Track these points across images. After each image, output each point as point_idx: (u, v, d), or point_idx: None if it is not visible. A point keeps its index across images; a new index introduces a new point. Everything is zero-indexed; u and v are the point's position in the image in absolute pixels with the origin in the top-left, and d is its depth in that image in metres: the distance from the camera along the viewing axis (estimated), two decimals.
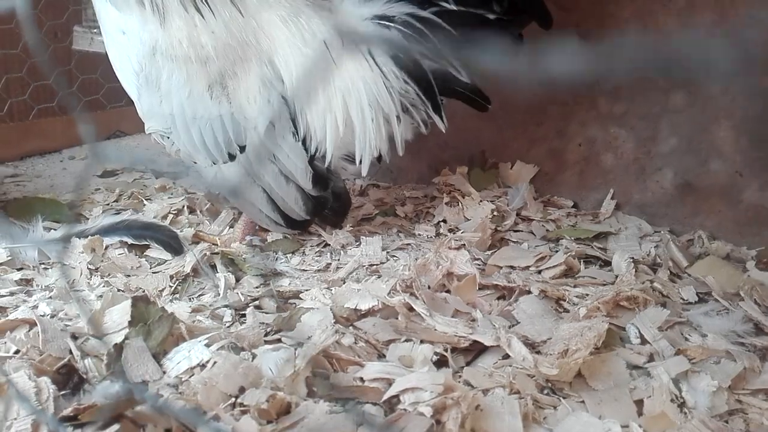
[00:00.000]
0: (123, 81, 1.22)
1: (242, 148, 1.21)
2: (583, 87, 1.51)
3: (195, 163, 1.26)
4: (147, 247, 1.34)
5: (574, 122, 1.56)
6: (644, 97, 1.45)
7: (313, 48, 1.18)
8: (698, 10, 1.34)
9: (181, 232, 1.39)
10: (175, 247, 1.30)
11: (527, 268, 1.23)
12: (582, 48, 0.33)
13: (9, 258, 1.28)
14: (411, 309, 1.03)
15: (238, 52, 1.17)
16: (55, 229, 1.46)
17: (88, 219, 1.56)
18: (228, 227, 1.46)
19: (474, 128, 1.72)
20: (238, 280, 1.23)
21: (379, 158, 1.32)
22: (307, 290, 1.14)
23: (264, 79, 1.18)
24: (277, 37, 1.19)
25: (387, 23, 1.17)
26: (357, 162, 1.29)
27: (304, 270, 1.28)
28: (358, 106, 1.22)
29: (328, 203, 1.33)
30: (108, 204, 1.69)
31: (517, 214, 1.52)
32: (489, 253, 1.32)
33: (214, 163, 1.23)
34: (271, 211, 1.29)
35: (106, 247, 1.33)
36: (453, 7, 1.14)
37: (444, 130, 1.31)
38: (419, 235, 1.45)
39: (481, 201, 1.51)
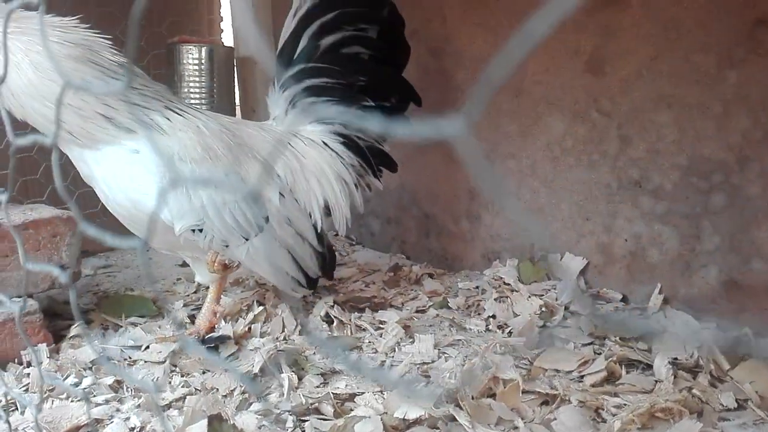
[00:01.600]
0: (142, 201, 1.31)
1: (266, 219, 1.42)
2: (627, 184, 1.58)
3: (227, 246, 1.42)
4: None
5: (620, 218, 1.62)
6: (685, 197, 1.50)
7: (282, 146, 1.54)
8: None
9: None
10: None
11: (570, 372, 1.29)
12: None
13: (102, 354, 1.45)
14: (455, 419, 1.11)
15: (238, 149, 1.41)
16: (139, 324, 1.63)
17: (170, 311, 1.73)
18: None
19: (524, 220, 1.81)
20: (300, 379, 1.35)
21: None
22: (361, 394, 1.24)
23: (262, 165, 1.45)
24: (257, 141, 1.48)
25: (330, 120, 1.59)
26: (336, 226, 1.59)
27: (360, 368, 1.39)
28: (328, 183, 1.54)
29: (326, 258, 1.57)
30: (188, 295, 1.87)
31: (566, 308, 1.58)
32: (536, 352, 1.38)
33: (246, 239, 1.41)
34: (296, 271, 1.50)
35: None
36: (371, 103, 1.59)
37: (381, 188, 1.69)
38: (470, 329, 1.54)
39: (530, 296, 1.58)
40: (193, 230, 1.33)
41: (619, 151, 1.61)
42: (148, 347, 1.51)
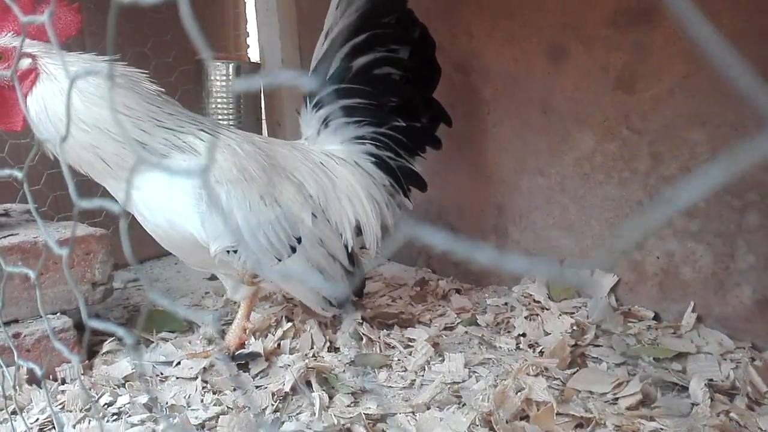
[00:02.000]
0: (179, 222, 1.33)
1: (299, 240, 1.44)
2: (659, 201, 1.56)
3: (260, 266, 1.44)
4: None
5: (652, 235, 1.61)
6: (719, 215, 1.49)
7: (315, 166, 1.53)
8: None
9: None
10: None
11: (604, 394, 1.27)
12: None
13: (134, 370, 1.47)
14: None
15: (272, 170, 1.43)
16: (170, 340, 1.65)
17: (200, 326, 1.75)
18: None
19: (553, 237, 1.80)
20: (331, 398, 1.35)
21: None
22: (393, 415, 1.24)
23: (296, 185, 1.46)
24: (290, 161, 1.49)
25: (362, 141, 1.60)
26: (367, 245, 1.59)
27: (390, 386, 1.39)
28: (359, 202, 1.55)
29: (356, 278, 1.57)
30: (216, 309, 1.89)
31: (597, 326, 1.57)
32: (569, 372, 1.37)
33: (279, 260, 1.42)
34: (327, 291, 1.52)
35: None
36: (402, 123, 1.60)
37: (411, 208, 1.69)
38: (500, 347, 1.53)
39: (560, 314, 1.57)
40: (228, 251, 1.35)
41: (651, 169, 1.59)
42: (179, 363, 1.53)
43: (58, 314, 1.54)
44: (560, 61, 1.72)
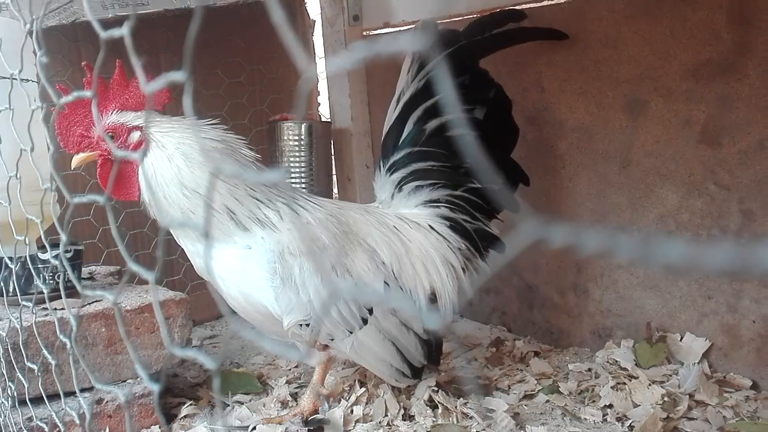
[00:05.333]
0: (253, 295, 1.34)
1: (370, 311, 1.41)
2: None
3: (332, 339, 1.42)
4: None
5: (746, 298, 1.50)
6: None
7: (388, 230, 1.51)
8: None
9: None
10: None
11: None
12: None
13: None
14: None
15: (344, 237, 1.41)
16: (245, 403, 1.65)
17: (273, 388, 1.75)
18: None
19: (637, 297, 1.71)
20: None
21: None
22: None
23: (368, 252, 1.43)
24: (363, 226, 1.47)
25: (436, 204, 1.57)
26: (441, 312, 1.53)
27: None
28: (434, 268, 1.51)
29: (432, 346, 1.51)
30: (290, 369, 1.88)
31: (690, 396, 1.46)
32: None
33: (351, 332, 1.40)
34: (401, 363, 1.46)
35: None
36: (477, 185, 1.57)
37: (489, 273, 1.66)
38: (585, 419, 1.45)
39: (650, 384, 1.48)
40: (300, 325, 1.34)
41: (742, 227, 1.50)
42: (254, 429, 1.52)
43: (139, 379, 1.57)
44: (638, 115, 1.66)
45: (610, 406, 1.47)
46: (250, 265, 1.30)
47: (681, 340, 1.62)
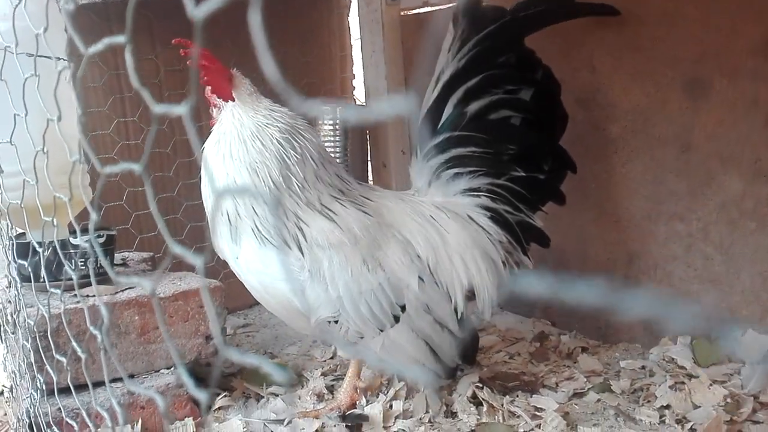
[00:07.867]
0: (272, 285, 1.30)
1: (403, 308, 1.33)
2: None
3: (362, 338, 1.35)
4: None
5: None
6: None
7: (425, 220, 1.42)
8: None
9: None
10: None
11: None
12: None
13: (245, 429, 1.42)
14: None
15: (377, 228, 1.34)
16: (280, 395, 1.59)
17: (308, 380, 1.69)
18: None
19: (694, 291, 1.61)
20: None
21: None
22: None
23: (402, 245, 1.35)
24: (398, 216, 1.40)
25: (476, 193, 1.47)
26: (480, 308, 1.44)
27: None
28: (473, 262, 1.41)
29: (467, 344, 1.44)
30: (325, 361, 1.82)
31: (755, 398, 1.36)
32: None
33: (381, 331, 1.33)
34: (434, 363, 1.38)
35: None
36: (522, 173, 1.47)
37: (531, 267, 1.52)
38: (641, 420, 1.36)
39: (711, 384, 1.38)
40: (329, 321, 1.28)
41: None
42: (290, 422, 1.47)
43: (172, 369, 1.52)
44: (700, 95, 1.55)
45: (668, 406, 1.37)
46: (269, 255, 1.24)
47: (743, 336, 1.51)
